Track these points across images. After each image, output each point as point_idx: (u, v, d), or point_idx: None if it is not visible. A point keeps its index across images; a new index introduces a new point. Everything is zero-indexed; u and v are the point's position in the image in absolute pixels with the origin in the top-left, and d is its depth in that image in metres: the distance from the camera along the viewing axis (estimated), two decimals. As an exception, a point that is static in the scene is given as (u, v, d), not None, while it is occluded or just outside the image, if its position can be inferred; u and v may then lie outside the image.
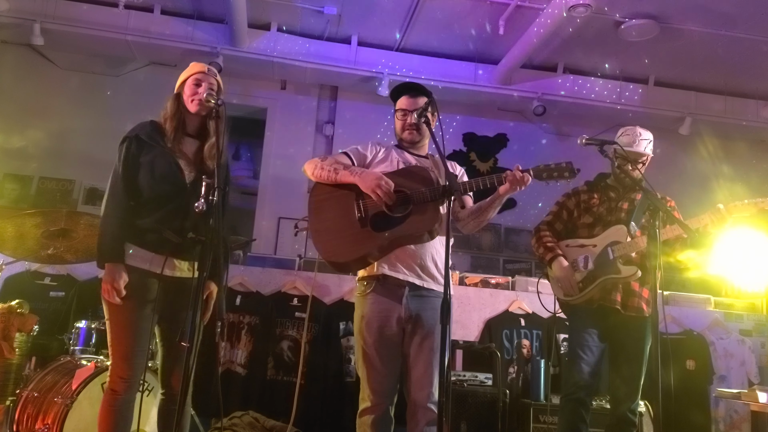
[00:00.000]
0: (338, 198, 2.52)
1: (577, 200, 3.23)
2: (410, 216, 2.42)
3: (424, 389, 2.41)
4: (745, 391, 3.33)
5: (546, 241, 3.17)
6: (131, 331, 2.40)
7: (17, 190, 6.31)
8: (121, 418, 2.41)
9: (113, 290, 2.36)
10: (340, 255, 2.47)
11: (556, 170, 2.49)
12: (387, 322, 2.48)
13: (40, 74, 6.48)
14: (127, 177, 2.46)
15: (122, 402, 2.40)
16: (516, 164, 2.51)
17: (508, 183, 2.45)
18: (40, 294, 4.43)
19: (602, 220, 3.11)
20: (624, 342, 3.00)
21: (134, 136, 2.53)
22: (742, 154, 6.81)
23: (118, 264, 2.39)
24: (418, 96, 2.66)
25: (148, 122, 2.61)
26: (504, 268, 6.72)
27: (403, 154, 2.67)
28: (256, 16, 5.92)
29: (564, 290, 3.07)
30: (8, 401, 3.29)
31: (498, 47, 6.09)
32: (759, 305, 5.47)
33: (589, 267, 3.02)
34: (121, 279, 2.37)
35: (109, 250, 2.41)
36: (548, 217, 3.28)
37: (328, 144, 6.84)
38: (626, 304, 2.99)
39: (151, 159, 2.47)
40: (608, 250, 3.00)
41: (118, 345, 2.42)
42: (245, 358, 4.48)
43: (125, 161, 2.48)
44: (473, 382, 4.18)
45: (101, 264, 2.42)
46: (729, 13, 5.25)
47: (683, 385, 4.64)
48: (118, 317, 2.42)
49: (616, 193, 3.17)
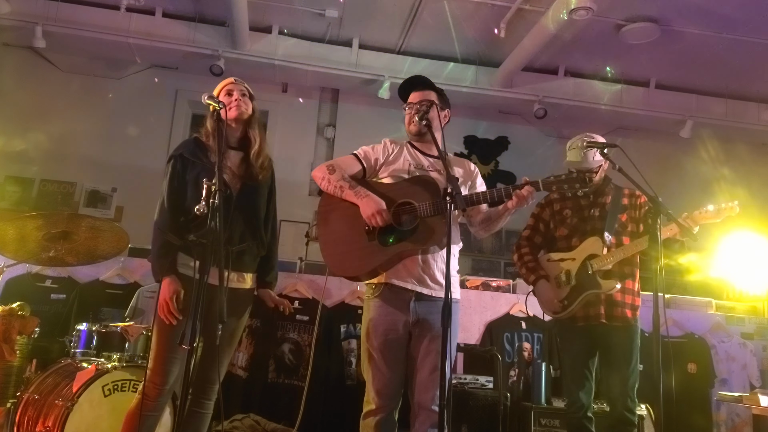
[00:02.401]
0: (345, 209, 2.52)
1: (551, 210, 3.24)
2: (418, 229, 2.43)
3: (429, 392, 2.41)
4: (747, 395, 3.33)
5: (527, 260, 3.19)
6: (172, 338, 2.40)
7: (18, 192, 6.31)
8: (147, 423, 2.45)
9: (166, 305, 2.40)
10: (348, 269, 2.50)
11: (567, 181, 2.44)
12: (393, 326, 2.48)
13: (41, 77, 6.50)
14: (173, 196, 2.51)
15: (152, 408, 2.44)
16: (523, 177, 2.49)
17: (515, 199, 2.44)
18: (41, 296, 4.42)
19: (578, 230, 3.12)
20: (612, 350, 3.01)
21: (179, 155, 2.58)
22: (743, 157, 6.80)
23: (172, 277, 2.43)
24: (426, 90, 2.68)
25: (192, 139, 2.66)
26: (505, 271, 6.72)
27: (416, 156, 2.66)
28: (257, 18, 5.92)
29: (550, 309, 3.12)
30: (9, 404, 3.28)
31: (499, 50, 6.09)
32: (760, 308, 5.46)
33: (571, 282, 3.05)
34: (177, 292, 2.41)
35: (163, 266, 2.45)
36: (526, 232, 3.29)
37: (329, 147, 6.85)
38: (611, 315, 3.01)
39: (196, 176, 2.50)
40: (587, 264, 3.02)
41: (159, 351, 2.45)
42: (246, 360, 4.48)
43: (171, 180, 2.54)
44: (474, 385, 4.17)
45: (158, 280, 2.47)
46: (730, 15, 5.25)
47: (684, 388, 4.63)
48: (163, 324, 2.45)
49: (587, 200, 3.15)
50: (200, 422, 2.56)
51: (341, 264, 2.50)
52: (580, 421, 3.02)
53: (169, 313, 2.41)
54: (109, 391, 3.02)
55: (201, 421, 2.57)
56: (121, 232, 3.38)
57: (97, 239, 3.37)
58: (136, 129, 6.47)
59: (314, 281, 4.78)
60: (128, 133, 6.43)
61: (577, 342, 3.08)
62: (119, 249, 3.50)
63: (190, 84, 6.53)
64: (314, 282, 4.78)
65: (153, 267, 2.50)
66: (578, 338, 3.07)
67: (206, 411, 2.58)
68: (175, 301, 2.40)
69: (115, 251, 3.50)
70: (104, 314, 4.33)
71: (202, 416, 2.56)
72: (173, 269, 2.45)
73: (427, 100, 2.64)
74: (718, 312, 5.27)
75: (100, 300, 4.42)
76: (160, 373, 2.44)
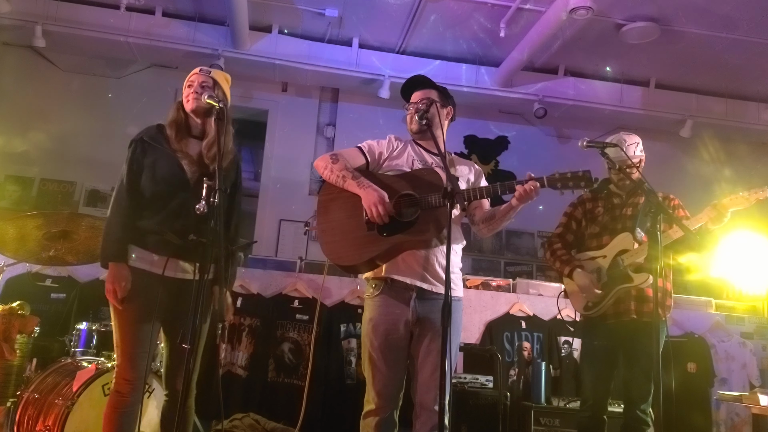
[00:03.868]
0: (346, 199, 2.51)
1: (583, 209, 3.25)
2: (418, 221, 2.41)
3: (431, 392, 2.40)
4: (747, 394, 3.34)
5: (560, 254, 3.19)
6: (134, 333, 2.40)
7: (18, 191, 6.31)
8: (126, 420, 2.42)
9: (115, 291, 2.37)
10: (345, 258, 2.47)
11: (572, 179, 2.38)
12: (394, 325, 2.47)
13: (41, 76, 6.49)
14: (131, 179, 2.49)
15: (127, 404, 2.41)
16: (527, 172, 2.44)
17: (518, 195, 2.40)
18: (41, 295, 4.43)
19: (608, 228, 3.13)
20: (639, 343, 3.00)
21: (139, 139, 2.58)
22: (743, 156, 6.81)
23: (120, 264, 2.40)
24: (427, 89, 2.69)
25: (155, 126, 2.65)
26: (505, 271, 6.72)
27: (420, 153, 2.66)
28: (257, 18, 5.92)
29: (588, 298, 3.08)
30: (9, 403, 3.29)
31: (499, 50, 6.09)
32: (760, 308, 5.47)
33: (602, 279, 3.05)
34: (123, 280, 2.38)
35: (112, 251, 2.42)
36: (558, 230, 3.30)
37: (329, 146, 6.84)
38: (641, 311, 3.01)
39: (154, 160, 2.51)
40: (618, 260, 3.02)
41: (123, 347, 2.43)
42: (246, 360, 4.48)
43: (130, 164, 2.52)
44: (474, 385, 4.18)
45: (104, 264, 2.43)
46: (730, 15, 5.24)
47: (684, 388, 4.64)
48: (122, 319, 2.43)
49: (620, 199, 3.18)
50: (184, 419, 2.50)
51: (339, 253, 2.48)
52: (591, 420, 3.04)
53: (114, 299, 2.37)
54: (109, 390, 2.99)
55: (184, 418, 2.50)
56: (120, 232, 3.37)
57: (97, 239, 3.36)
58: (136, 128, 6.36)
59: (314, 280, 4.79)
60: (128, 132, 6.32)
61: (604, 341, 3.07)
62: (119, 248, 3.49)
63: (190, 83, 6.52)
64: (314, 281, 4.78)
65: (104, 249, 2.45)
66: (605, 337, 3.07)
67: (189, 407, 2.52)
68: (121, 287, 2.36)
69: (115, 251, 3.49)
70: (104, 313, 4.32)
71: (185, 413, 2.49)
72: (123, 256, 2.41)
73: (428, 98, 2.65)
74: (717, 311, 5.27)
75: (100, 299, 4.32)
76: (129, 369, 2.41)
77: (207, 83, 2.58)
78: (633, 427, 2.97)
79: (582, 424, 3.11)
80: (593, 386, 3.10)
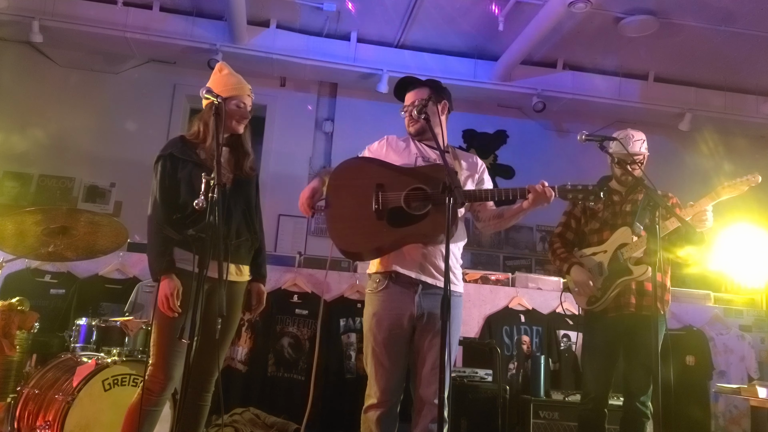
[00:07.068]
0: (357, 187, 2.52)
1: (582, 207, 3.29)
2: (428, 216, 2.42)
3: (432, 386, 2.40)
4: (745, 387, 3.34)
5: (559, 252, 3.26)
6: (173, 334, 2.41)
7: (17, 187, 6.30)
8: (149, 418, 2.46)
9: (167, 301, 2.41)
10: (351, 245, 2.49)
11: (583, 192, 2.44)
12: (398, 320, 2.48)
13: (39, 72, 6.47)
14: (164, 195, 2.53)
15: (154, 403, 2.46)
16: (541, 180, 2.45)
17: (531, 198, 2.42)
18: (41, 291, 4.43)
19: (608, 224, 3.18)
20: (639, 336, 3.03)
21: (168, 155, 2.60)
22: (743, 150, 6.80)
23: (171, 276, 2.45)
24: (418, 88, 2.68)
25: (178, 138, 2.68)
26: (504, 265, 6.72)
27: (423, 149, 2.66)
28: (255, 12, 5.90)
29: (585, 294, 3.13)
30: (9, 398, 3.29)
31: (497, 43, 6.07)
32: (758, 301, 5.48)
33: (604, 273, 3.09)
34: (176, 288, 2.43)
35: (160, 266, 2.46)
36: (558, 229, 3.37)
37: (328, 141, 6.84)
38: (641, 305, 3.06)
39: (189, 173, 2.54)
40: (618, 253, 3.07)
41: (160, 346, 2.47)
42: (246, 355, 4.49)
43: (162, 180, 2.55)
44: (473, 378, 4.18)
45: (156, 279, 2.48)
46: (728, 8, 5.24)
47: (683, 380, 4.64)
48: (163, 318, 2.46)
49: (619, 196, 3.23)
50: (200, 414, 2.61)
51: (346, 239, 2.49)
52: (593, 413, 3.07)
53: (170, 309, 2.42)
54: (109, 385, 3.03)
55: (201, 413, 2.61)
56: (119, 227, 3.38)
57: (96, 234, 3.37)
58: (135, 124, 6.45)
59: (313, 275, 4.79)
60: (126, 128, 6.41)
61: (605, 334, 3.12)
62: (118, 244, 3.50)
63: (187, 78, 6.51)
64: (313, 276, 4.78)
65: (151, 265, 2.51)
66: (606, 331, 3.11)
67: (205, 403, 2.62)
68: (175, 297, 2.42)
69: (114, 246, 3.50)
70: (104, 309, 4.34)
71: (201, 408, 2.61)
72: (172, 267, 2.46)
73: (421, 99, 2.63)
74: (716, 304, 5.28)
75: (100, 295, 4.43)
76: (163, 369, 2.46)
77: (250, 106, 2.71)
78: (632, 420, 3.00)
79: (583, 417, 3.14)
80: (595, 379, 3.13)
